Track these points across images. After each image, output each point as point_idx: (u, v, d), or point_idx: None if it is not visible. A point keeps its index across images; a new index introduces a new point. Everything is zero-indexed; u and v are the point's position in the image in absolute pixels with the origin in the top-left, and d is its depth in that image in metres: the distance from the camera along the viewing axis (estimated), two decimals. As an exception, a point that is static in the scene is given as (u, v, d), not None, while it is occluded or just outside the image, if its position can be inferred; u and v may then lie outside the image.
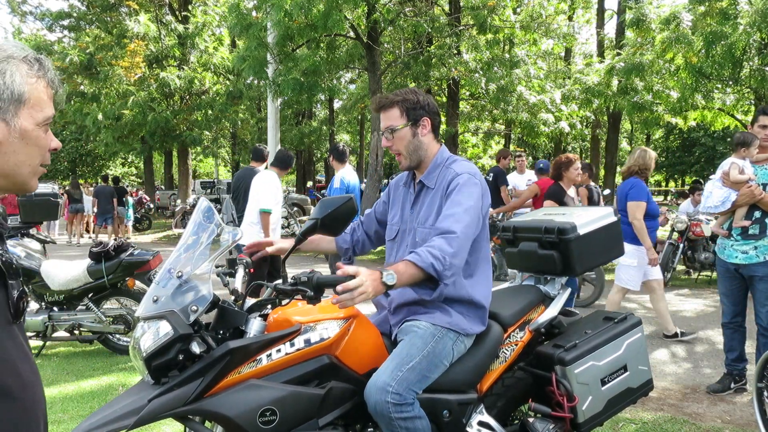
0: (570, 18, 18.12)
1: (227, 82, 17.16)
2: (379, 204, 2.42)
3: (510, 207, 7.31)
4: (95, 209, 13.72)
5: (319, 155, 34.09)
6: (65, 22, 18.50)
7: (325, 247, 2.40)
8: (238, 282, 2.02)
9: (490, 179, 8.40)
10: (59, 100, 1.00)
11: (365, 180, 13.39)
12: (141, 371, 1.76)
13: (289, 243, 2.21)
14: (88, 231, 14.67)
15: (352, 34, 11.02)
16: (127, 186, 28.40)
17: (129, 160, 39.09)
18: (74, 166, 35.27)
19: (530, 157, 31.95)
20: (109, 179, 15.14)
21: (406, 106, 2.10)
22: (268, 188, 5.21)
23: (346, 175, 5.74)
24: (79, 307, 4.65)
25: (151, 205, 21.50)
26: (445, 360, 2.03)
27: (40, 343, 4.75)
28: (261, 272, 4.98)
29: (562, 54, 18.39)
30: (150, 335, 1.73)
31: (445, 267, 1.83)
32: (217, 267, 2.07)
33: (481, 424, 2.10)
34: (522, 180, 8.54)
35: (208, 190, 22.28)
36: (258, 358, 1.79)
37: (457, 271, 1.91)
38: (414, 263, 1.81)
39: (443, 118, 13.72)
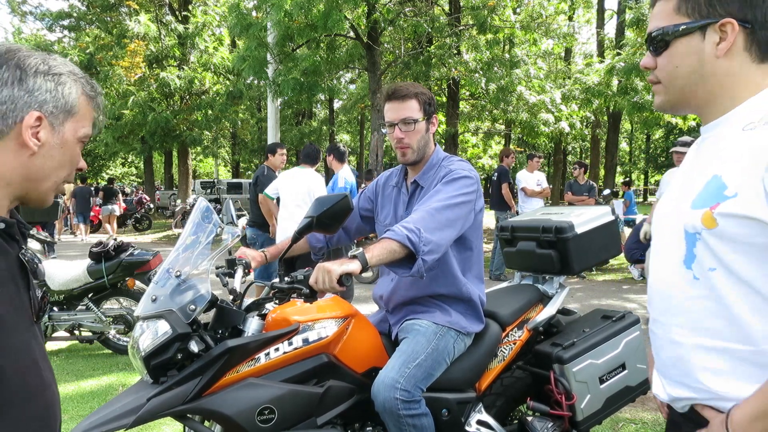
0: (570, 18, 18.12)
1: (227, 82, 17.15)
2: (363, 199, 2.37)
3: None
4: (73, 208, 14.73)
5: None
6: (65, 22, 18.53)
7: (296, 252, 2.22)
8: (237, 282, 2.02)
9: (495, 178, 8.42)
10: (97, 124, 1.04)
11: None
12: (140, 370, 1.77)
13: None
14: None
15: (352, 34, 11.03)
16: (124, 187, 28.46)
17: (129, 160, 39.11)
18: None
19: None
20: (87, 181, 16.23)
21: (423, 100, 2.08)
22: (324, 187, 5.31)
23: (342, 173, 5.78)
24: (79, 307, 4.65)
25: (151, 205, 21.52)
26: (447, 358, 2.04)
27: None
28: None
29: (562, 54, 18.38)
30: (149, 334, 1.74)
31: (421, 240, 1.77)
32: (217, 268, 2.08)
33: (480, 422, 2.11)
34: (532, 179, 8.53)
35: (208, 190, 22.25)
36: (256, 356, 1.80)
37: (435, 248, 1.82)
38: (388, 238, 1.78)
39: (443, 118, 13.74)
